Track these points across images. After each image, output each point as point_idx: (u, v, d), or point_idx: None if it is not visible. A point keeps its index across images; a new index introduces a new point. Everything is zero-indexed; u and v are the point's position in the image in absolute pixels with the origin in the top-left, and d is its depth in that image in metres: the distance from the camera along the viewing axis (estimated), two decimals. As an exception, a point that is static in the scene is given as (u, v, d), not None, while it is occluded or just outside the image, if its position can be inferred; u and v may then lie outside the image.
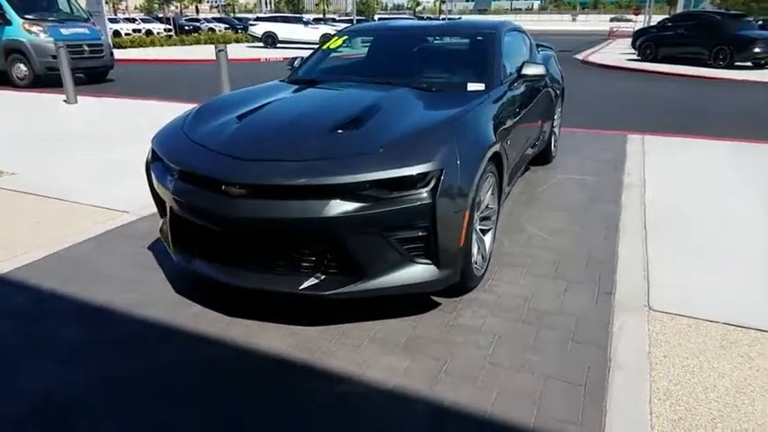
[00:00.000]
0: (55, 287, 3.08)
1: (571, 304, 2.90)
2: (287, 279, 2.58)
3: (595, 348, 2.52)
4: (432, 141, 2.61)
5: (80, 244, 3.66)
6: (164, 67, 18.28)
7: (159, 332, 2.67)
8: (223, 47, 7.81)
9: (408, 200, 2.45)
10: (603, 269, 3.30)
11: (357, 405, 2.17)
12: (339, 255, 2.50)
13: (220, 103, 3.41)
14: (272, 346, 2.56)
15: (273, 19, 27.01)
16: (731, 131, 7.41)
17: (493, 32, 4.03)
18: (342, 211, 2.39)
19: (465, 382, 2.28)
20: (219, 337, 2.62)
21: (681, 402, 2.18)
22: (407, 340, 2.59)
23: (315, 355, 2.48)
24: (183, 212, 2.74)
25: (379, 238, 2.46)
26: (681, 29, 18.67)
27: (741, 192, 4.76)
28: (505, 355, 2.47)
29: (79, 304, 2.91)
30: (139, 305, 2.89)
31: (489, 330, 2.66)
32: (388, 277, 2.53)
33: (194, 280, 3.09)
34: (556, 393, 2.22)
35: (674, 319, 2.77)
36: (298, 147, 2.61)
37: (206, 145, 2.77)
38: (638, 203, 4.46)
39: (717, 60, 16.98)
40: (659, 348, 2.52)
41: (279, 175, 2.45)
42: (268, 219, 2.43)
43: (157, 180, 2.95)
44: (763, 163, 5.71)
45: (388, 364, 2.41)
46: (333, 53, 4.27)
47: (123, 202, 4.44)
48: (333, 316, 2.77)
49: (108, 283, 3.13)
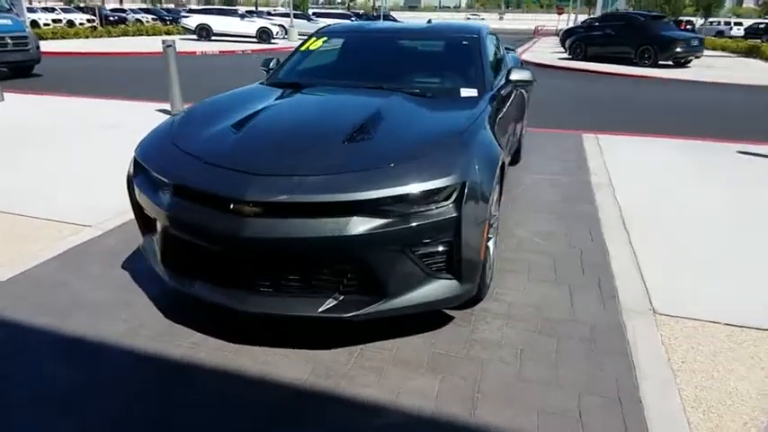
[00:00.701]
0: (25, 317, 2.73)
1: (581, 311, 2.90)
2: (303, 302, 2.40)
3: (617, 357, 2.53)
4: (452, 153, 2.52)
5: (42, 265, 3.28)
6: (94, 60, 17.06)
7: (159, 366, 2.42)
8: (171, 42, 7.32)
9: (434, 214, 2.34)
10: (601, 273, 3.34)
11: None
12: (362, 274, 2.36)
13: (206, 110, 3.16)
14: (288, 374, 2.38)
15: (207, 11, 25.95)
16: (674, 129, 7.82)
17: (476, 37, 3.99)
18: (367, 227, 2.25)
19: (503, 404, 2.21)
20: (228, 368, 2.41)
21: (711, 410, 2.21)
22: (430, 359, 2.49)
23: (337, 383, 2.33)
24: (179, 231, 2.50)
25: (402, 255, 2.34)
26: (608, 29, 19.60)
27: (701, 189, 5.01)
28: (533, 371, 2.42)
29: (59, 337, 2.60)
30: (130, 335, 2.62)
31: (510, 344, 2.61)
32: (411, 295, 2.42)
33: (186, 304, 2.84)
34: (595, 410, 2.19)
35: (680, 321, 2.83)
36: (312, 160, 2.44)
37: (205, 158, 2.53)
38: (612, 203, 4.58)
39: (642, 59, 17.97)
40: (676, 353, 2.56)
41: (298, 191, 2.27)
42: (285, 239, 2.25)
43: (144, 195, 2.68)
44: (713, 160, 6.05)
45: (419, 388, 2.30)
46: (311, 54, 4.07)
47: (81, 215, 4.05)
48: (344, 336, 2.62)
49: (87, 309, 2.82)
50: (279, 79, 3.84)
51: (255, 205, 2.28)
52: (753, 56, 22.72)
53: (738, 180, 5.35)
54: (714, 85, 13.83)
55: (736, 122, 8.81)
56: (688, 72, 16.30)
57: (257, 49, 22.54)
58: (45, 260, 3.34)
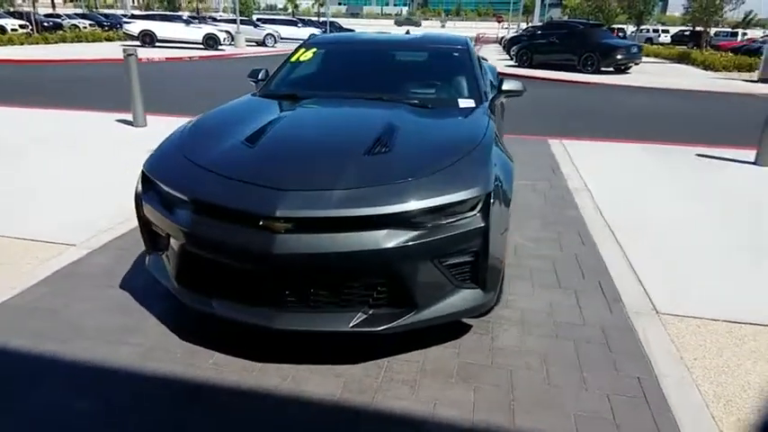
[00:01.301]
0: (25, 346, 2.55)
1: (590, 315, 3.00)
2: (333, 317, 2.37)
3: (633, 357, 2.63)
4: (475, 164, 2.56)
5: (31, 289, 3.08)
6: (33, 69, 16.09)
7: (183, 390, 2.32)
8: (133, 50, 7.06)
9: (462, 224, 2.37)
10: (599, 276, 3.46)
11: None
12: (393, 287, 2.35)
13: (212, 124, 3.07)
14: (320, 390, 2.34)
15: (151, 17, 25.04)
16: (631, 133, 8.21)
17: (465, 48, 4.07)
18: (400, 240, 2.25)
19: (540, 410, 2.26)
20: (257, 388, 2.34)
21: (731, 403, 2.34)
22: (459, 369, 2.51)
23: (372, 397, 2.31)
24: (198, 249, 2.41)
25: (431, 266, 2.35)
26: (552, 37, 20.38)
27: (672, 190, 5.28)
28: (560, 376, 2.48)
29: (66, 365, 2.44)
30: (144, 359, 2.49)
31: (532, 351, 2.67)
32: (439, 306, 2.43)
33: (199, 323, 2.74)
34: (626, 410, 2.27)
35: (683, 320, 2.97)
36: (338, 174, 2.41)
37: (225, 173, 2.45)
38: (593, 207, 4.76)
39: (585, 66, 18.77)
40: (687, 352, 2.69)
41: (329, 206, 2.24)
42: (317, 254, 2.22)
43: (156, 212, 2.57)
44: (676, 163, 6.39)
45: (454, 399, 2.31)
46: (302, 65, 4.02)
47: (62, 233, 3.83)
48: (368, 350, 2.60)
49: (91, 335, 2.66)
50: (273, 91, 3.76)
51: (287, 221, 2.23)
52: (684, 62, 24.16)
53: (704, 181, 5.69)
54: (657, 90, 14.60)
55: (686, 126, 9.35)
56: (629, 78, 17.15)
57: (205, 56, 22.00)
58: (31, 284, 3.13)
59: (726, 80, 17.51)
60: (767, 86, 15.93)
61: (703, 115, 10.79)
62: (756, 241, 4.13)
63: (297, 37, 35.43)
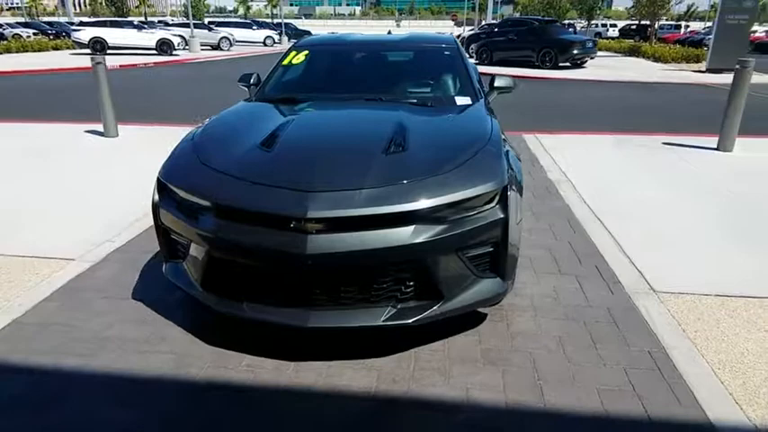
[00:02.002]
0: (50, 362, 2.53)
1: (594, 297, 3.17)
2: (364, 313, 2.45)
3: (641, 333, 2.80)
4: (492, 159, 2.68)
5: (40, 305, 3.03)
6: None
7: (223, 393, 2.35)
8: (101, 59, 6.90)
9: (483, 216, 2.49)
10: (595, 260, 3.65)
11: (497, 430, 2.16)
12: (421, 280, 2.45)
13: (222, 129, 3.10)
14: (356, 384, 2.42)
15: (101, 23, 24.27)
16: (598, 125, 8.56)
17: (455, 47, 4.21)
18: (426, 235, 2.35)
19: (566, 387, 2.40)
20: (294, 386, 2.40)
21: (735, 369, 2.54)
22: (483, 354, 2.63)
23: (407, 386, 2.40)
24: (227, 254, 2.45)
25: (456, 258, 2.46)
26: (511, 34, 20.83)
27: (647, 177, 5.57)
28: (579, 354, 2.63)
29: (99, 378, 2.44)
30: (178, 366, 2.51)
31: (547, 333, 2.81)
32: (463, 296, 2.54)
33: (222, 327, 2.77)
34: (643, 381, 2.43)
35: (679, 297, 3.18)
36: (362, 174, 2.48)
37: (247, 177, 2.49)
38: (577, 197, 4.97)
39: (544, 62, 19.29)
40: (688, 325, 2.89)
41: (359, 204, 2.32)
42: (350, 252, 2.29)
43: (177, 219, 2.59)
44: (645, 151, 6.72)
45: (485, 383, 2.42)
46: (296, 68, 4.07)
47: (59, 248, 3.76)
48: (391, 343, 2.69)
49: (116, 346, 2.66)
50: (270, 95, 3.79)
51: (318, 222, 2.30)
52: (635, 55, 25.09)
53: (674, 167, 6.02)
54: (616, 83, 15.17)
55: (648, 117, 9.78)
56: (587, 72, 17.75)
57: (160, 61, 21.52)
58: (38, 301, 3.08)
59: (677, 71, 18.33)
60: (715, 76, 16.78)
61: (663, 106, 11.30)
62: (729, 220, 4.42)
63: (252, 39, 35.11)
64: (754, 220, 4.44)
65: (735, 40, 17.66)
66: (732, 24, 17.60)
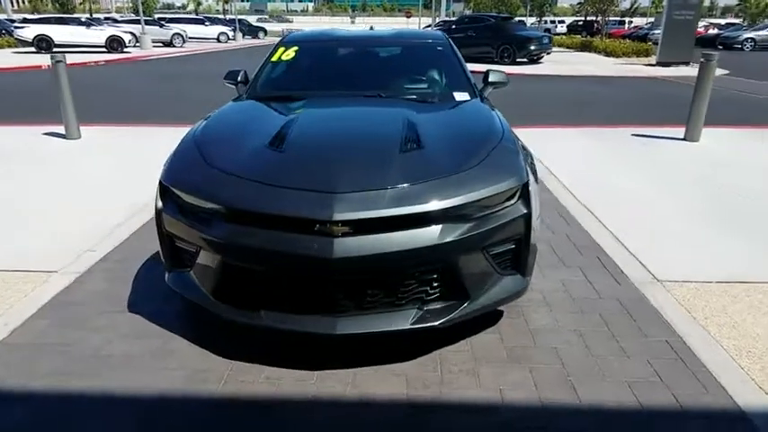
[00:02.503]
0: (52, 386, 2.33)
1: (602, 289, 3.19)
2: (391, 317, 2.36)
3: (655, 323, 2.83)
4: (510, 155, 2.65)
5: (27, 324, 2.80)
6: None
7: (246, 408, 2.22)
8: (62, 56, 6.51)
9: (506, 213, 2.45)
10: (595, 252, 3.68)
11: (542, 429, 2.12)
12: (447, 280, 2.39)
13: (223, 132, 2.94)
14: (386, 391, 2.33)
15: (46, 20, 23.03)
16: (566, 119, 8.72)
17: (447, 42, 4.16)
18: (454, 234, 2.29)
19: (596, 381, 2.38)
20: (324, 397, 2.29)
21: (751, 354, 2.59)
22: (509, 353, 2.59)
23: (439, 390, 2.33)
24: (244, 260, 2.31)
25: (481, 257, 2.41)
26: (470, 31, 21.02)
27: (624, 167, 5.70)
28: (600, 347, 2.63)
29: (108, 399, 2.26)
30: (192, 382, 2.36)
31: (566, 328, 2.80)
32: (488, 294, 2.49)
33: (232, 339, 2.63)
34: (668, 370, 2.45)
35: (683, 285, 3.24)
36: (384, 173, 2.39)
37: (265, 180, 2.36)
38: (564, 189, 5.03)
39: (503, 58, 19.57)
40: (697, 313, 2.94)
41: (384, 205, 2.23)
42: (376, 254, 2.20)
43: (185, 226, 2.43)
44: (618, 143, 6.88)
45: (516, 382, 2.38)
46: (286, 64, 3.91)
47: (36, 260, 3.50)
48: (411, 346, 2.61)
49: (122, 364, 2.48)
50: (263, 93, 3.63)
51: (344, 224, 2.20)
52: (587, 50, 25.83)
53: (648, 158, 6.18)
54: (573, 78, 15.54)
55: (612, 109, 10.04)
56: (545, 67, 18.13)
57: (112, 59, 20.66)
58: (29, 317, 2.85)
59: (630, 65, 18.98)
60: (665, 69, 17.47)
61: (622, 98, 11.63)
62: (710, 207, 4.56)
63: (205, 36, 34.25)
64: (733, 207, 4.60)
65: (682, 34, 18.42)
66: (679, 20, 18.33)
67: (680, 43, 18.48)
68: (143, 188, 4.89)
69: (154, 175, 2.73)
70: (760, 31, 31.08)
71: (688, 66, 18.28)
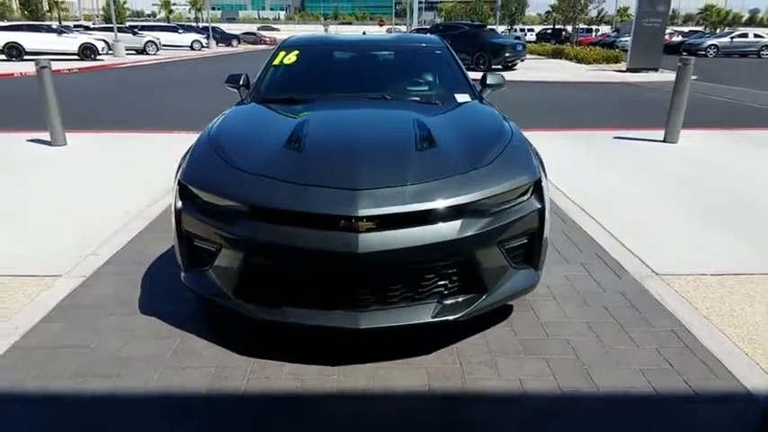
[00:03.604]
0: (72, 388, 2.30)
1: (605, 283, 3.30)
2: (413, 311, 2.41)
3: (659, 314, 2.94)
4: (523, 152, 2.74)
5: (38, 327, 2.76)
6: None
7: (274, 404, 2.24)
8: (47, 62, 6.40)
9: (522, 208, 2.53)
10: (593, 249, 3.79)
11: (567, 416, 2.19)
12: (467, 274, 2.45)
13: (237, 134, 2.96)
14: (409, 383, 2.37)
15: (17, 27, 22.49)
16: (548, 123, 8.92)
17: (444, 46, 4.26)
18: (474, 229, 2.35)
19: (611, 369, 2.47)
20: (349, 391, 2.32)
21: (753, 341, 2.71)
22: (523, 346, 2.66)
23: (461, 381, 2.38)
24: (268, 257, 2.34)
25: (498, 252, 2.48)
26: (446, 39, 21.25)
27: (610, 168, 5.88)
28: (611, 339, 2.72)
29: (134, 400, 2.25)
30: (218, 380, 2.36)
31: (575, 320, 2.89)
32: (503, 288, 2.56)
33: (249, 336, 2.65)
34: (677, 358, 2.55)
35: (681, 278, 3.37)
36: (403, 170, 2.44)
37: (288, 179, 2.38)
38: (556, 190, 5.14)
39: (478, 65, 19.88)
40: (698, 303, 3.06)
41: (407, 201, 2.28)
42: (400, 249, 2.25)
43: (207, 225, 2.44)
44: (601, 146, 7.08)
45: (535, 373, 2.45)
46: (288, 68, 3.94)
47: (40, 264, 3.45)
48: (427, 340, 2.66)
49: (141, 365, 2.46)
50: (267, 96, 3.64)
51: (369, 220, 2.24)
52: (559, 57, 26.42)
53: (632, 159, 6.40)
54: (549, 84, 15.90)
55: (591, 113, 10.31)
56: (520, 74, 18.49)
57: (84, 67, 20.30)
58: (39, 321, 2.81)
59: (602, 72, 19.51)
60: (635, 75, 18.00)
61: (600, 103, 11.97)
62: (694, 204, 4.75)
63: (179, 44, 33.91)
64: (716, 203, 4.80)
65: (651, 42, 19.06)
66: (648, 27, 18.95)
67: (649, 50, 19.11)
68: (137, 193, 4.86)
69: (146, 181, 2.74)
70: (722, 38, 32.29)
71: (657, 72, 18.89)
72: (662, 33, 19.64)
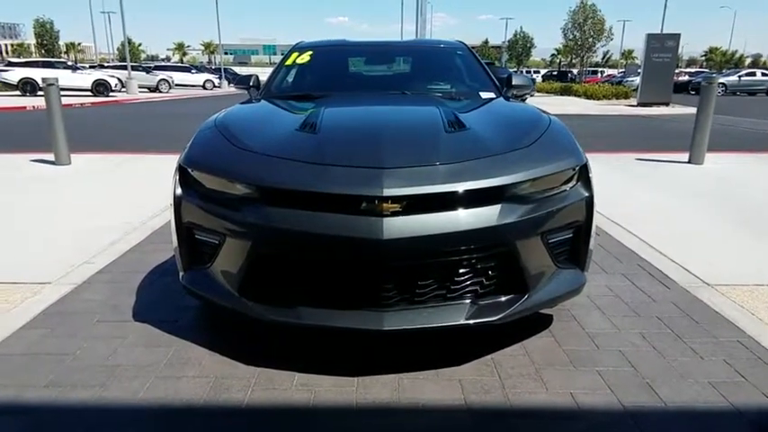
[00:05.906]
0: (49, 397, 1.97)
1: (653, 292, 2.95)
2: (444, 311, 2.08)
3: (720, 324, 2.59)
4: (565, 136, 2.46)
5: (19, 334, 2.44)
6: None
7: (285, 418, 1.89)
8: (54, 80, 6.28)
9: (569, 195, 2.24)
10: (634, 260, 3.46)
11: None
12: (506, 270, 2.12)
13: (247, 119, 2.72)
14: (442, 397, 2.02)
15: (33, 64, 22.91)
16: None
17: (465, 47, 4.04)
18: (515, 215, 2.05)
19: (675, 382, 2.11)
20: (371, 405, 1.97)
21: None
22: (572, 357, 2.30)
23: (503, 395, 2.03)
24: (280, 247, 2.04)
25: (540, 245, 2.16)
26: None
27: (635, 186, 5.58)
28: (669, 349, 2.36)
29: (118, 411, 1.91)
30: (217, 391, 2.03)
31: (627, 330, 2.54)
32: (547, 289, 2.22)
33: (252, 343, 2.34)
34: (748, 370, 2.20)
35: (735, 288, 3.02)
36: (433, 148, 2.17)
37: (304, 158, 2.10)
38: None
39: (488, 99, 19.88)
40: (759, 313, 2.71)
41: (438, 180, 1.99)
42: (433, 236, 1.94)
43: (210, 212, 2.15)
44: (625, 166, 6.80)
45: (588, 386, 2.09)
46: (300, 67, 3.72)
47: (28, 273, 3.15)
48: (455, 349, 2.32)
49: (130, 374, 2.13)
50: (280, 92, 3.41)
51: (395, 201, 1.94)
52: (567, 94, 26.49)
53: (659, 178, 6.10)
54: (563, 115, 15.68)
55: (609, 139, 10.07)
56: (531, 107, 18.40)
57: (98, 102, 20.49)
58: (20, 327, 2.50)
59: (612, 106, 19.43)
60: (647, 109, 17.89)
61: (617, 131, 11.77)
62: (730, 217, 4.45)
63: (192, 83, 34.51)
64: (755, 216, 4.48)
65: (661, 76, 19.03)
66: (657, 62, 18.95)
67: (660, 85, 19.06)
68: (137, 208, 4.61)
69: (147, 197, 2.48)
70: (730, 76, 32.39)
71: (668, 106, 18.78)
72: (672, 68, 19.61)
